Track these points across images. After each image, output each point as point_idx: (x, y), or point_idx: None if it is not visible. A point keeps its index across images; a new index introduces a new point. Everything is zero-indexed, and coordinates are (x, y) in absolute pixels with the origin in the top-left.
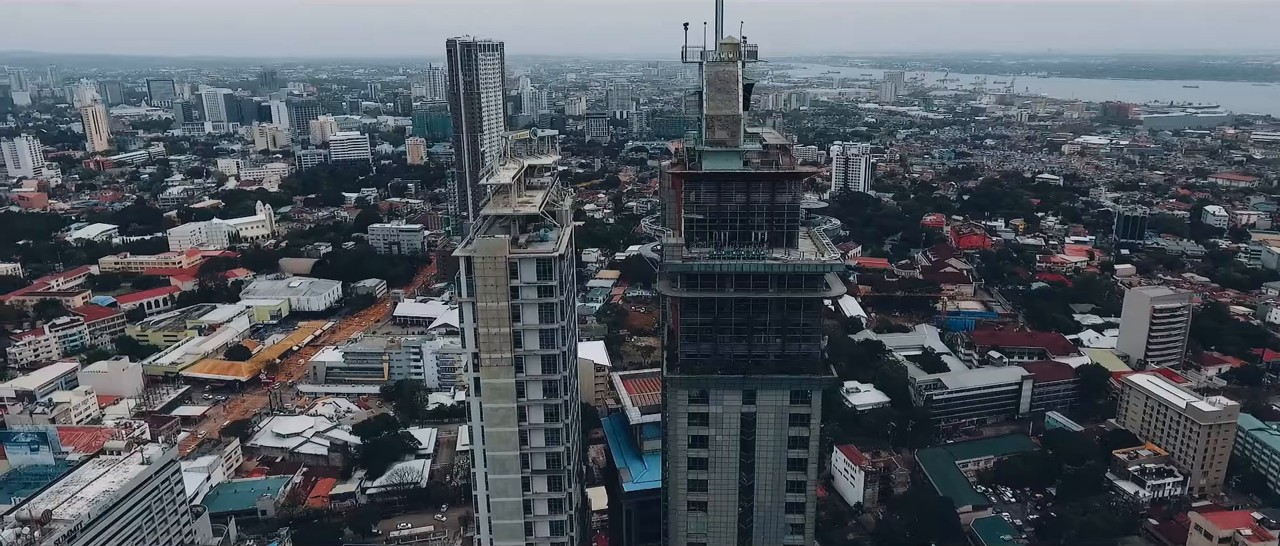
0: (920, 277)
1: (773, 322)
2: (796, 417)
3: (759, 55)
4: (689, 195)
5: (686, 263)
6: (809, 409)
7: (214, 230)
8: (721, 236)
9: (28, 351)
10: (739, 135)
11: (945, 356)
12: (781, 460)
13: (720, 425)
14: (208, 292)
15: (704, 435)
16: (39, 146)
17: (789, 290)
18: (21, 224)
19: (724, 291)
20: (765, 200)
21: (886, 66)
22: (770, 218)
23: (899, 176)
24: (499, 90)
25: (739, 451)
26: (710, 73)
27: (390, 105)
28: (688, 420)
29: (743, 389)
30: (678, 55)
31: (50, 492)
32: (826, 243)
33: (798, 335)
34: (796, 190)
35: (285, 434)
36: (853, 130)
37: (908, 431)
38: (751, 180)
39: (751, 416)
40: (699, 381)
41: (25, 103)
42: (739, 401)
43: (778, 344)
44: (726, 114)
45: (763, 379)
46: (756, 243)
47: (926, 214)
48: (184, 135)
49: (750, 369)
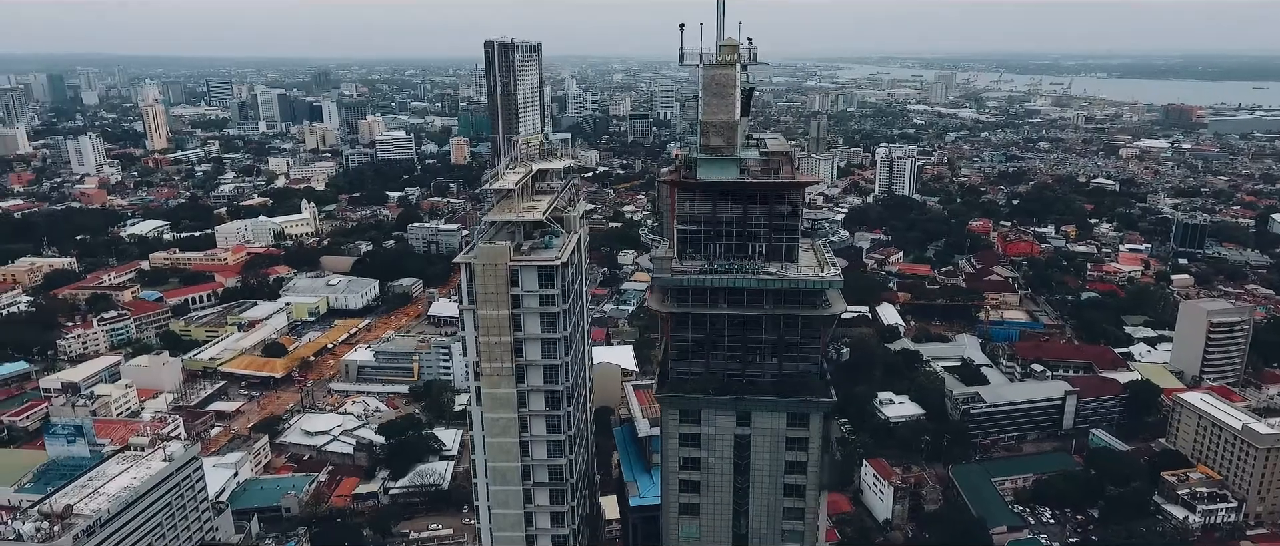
0: (963, 285)
1: (768, 341)
2: (794, 441)
3: (765, 57)
4: (683, 204)
5: (676, 276)
6: (807, 433)
7: (259, 227)
8: (716, 248)
9: (77, 344)
10: (735, 142)
11: (985, 368)
12: (778, 486)
13: (713, 447)
14: (250, 289)
15: (696, 457)
16: (101, 144)
17: (785, 307)
18: (81, 219)
19: (716, 307)
20: (763, 211)
21: (938, 67)
22: (768, 229)
23: (946, 180)
24: (536, 90)
25: (733, 475)
26: (706, 76)
27: (438, 105)
28: (679, 441)
29: (736, 410)
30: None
31: (74, 487)
32: (829, 257)
33: (795, 355)
34: (797, 200)
35: (314, 432)
36: (900, 132)
37: (942, 446)
38: (748, 189)
39: (746, 439)
40: (689, 401)
41: (93, 102)
42: (733, 423)
43: (774, 363)
44: (722, 120)
45: (756, 400)
46: (754, 256)
47: (973, 219)
48: (239, 134)
49: (744, 389)
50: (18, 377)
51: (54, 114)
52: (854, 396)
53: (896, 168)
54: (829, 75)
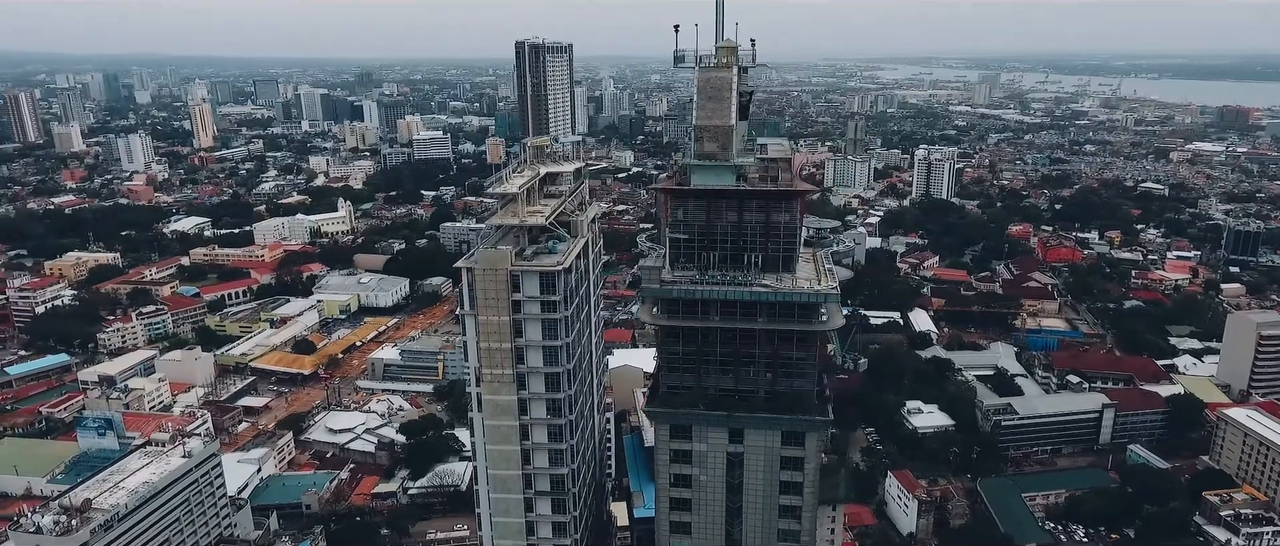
0: (1000, 292)
1: (762, 356)
2: (789, 461)
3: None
4: (676, 212)
5: (665, 287)
6: (803, 452)
7: (296, 225)
8: (710, 258)
9: (116, 338)
10: (731, 148)
11: (1020, 378)
12: (773, 506)
13: (704, 464)
14: (284, 286)
15: (687, 474)
16: (150, 142)
17: (780, 321)
18: (127, 215)
19: (708, 320)
20: (759, 219)
21: (983, 67)
22: (764, 239)
23: (987, 183)
24: (567, 91)
25: (726, 493)
26: (701, 79)
27: (476, 105)
28: (670, 457)
29: (728, 427)
30: (769, 56)
31: (95, 480)
32: (828, 268)
33: (790, 370)
34: (795, 209)
35: (337, 429)
36: (941, 133)
37: (971, 458)
38: (743, 197)
39: (739, 457)
40: (679, 416)
41: (146, 101)
42: (725, 440)
43: (768, 379)
44: (716, 124)
45: (748, 418)
46: (749, 266)
47: (1013, 223)
48: (282, 133)
49: (736, 405)
50: (58, 369)
51: (108, 113)
52: (881, 405)
53: (935, 170)
54: (870, 76)
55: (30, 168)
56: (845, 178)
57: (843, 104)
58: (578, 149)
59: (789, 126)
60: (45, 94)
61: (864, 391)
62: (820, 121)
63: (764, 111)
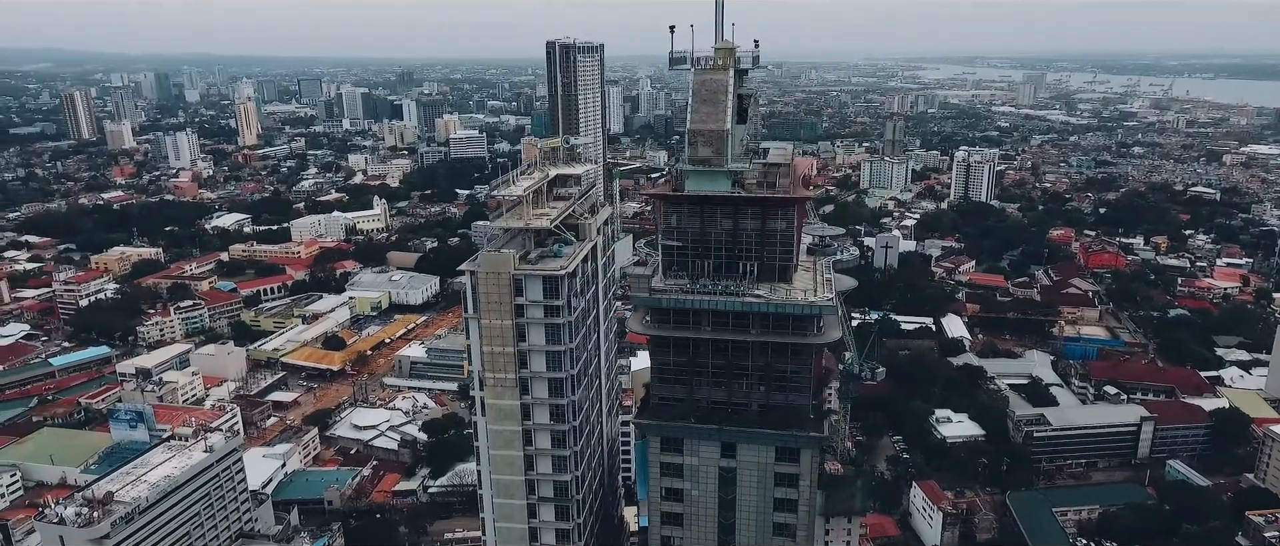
0: (1038, 298)
1: (755, 368)
2: (783, 477)
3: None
4: (669, 219)
5: (655, 295)
6: (798, 468)
7: (332, 222)
8: (704, 267)
9: (155, 331)
10: (726, 153)
11: (1055, 388)
12: (767, 524)
13: (696, 478)
14: (318, 282)
15: (679, 488)
16: (196, 140)
17: (774, 333)
18: (172, 211)
19: (700, 330)
20: (755, 227)
21: (1028, 67)
22: (760, 247)
23: (1028, 185)
24: (597, 90)
25: (718, 509)
26: (696, 82)
27: (514, 105)
28: (661, 470)
29: (720, 441)
30: (802, 56)
31: (119, 473)
32: (826, 279)
33: (784, 384)
34: (792, 216)
35: (362, 426)
36: (982, 135)
37: (1001, 470)
38: (739, 204)
39: (731, 472)
40: (669, 429)
41: (195, 99)
42: (717, 454)
43: (761, 392)
44: (711, 129)
45: (740, 432)
46: (744, 275)
47: (1054, 227)
48: (324, 131)
49: (728, 419)
50: (99, 361)
51: (159, 111)
52: (909, 412)
53: (974, 172)
54: (911, 76)
55: (83, 164)
56: (881, 179)
57: (882, 104)
58: (588, 149)
59: (826, 127)
60: (100, 93)
61: (892, 398)
62: (859, 122)
63: (802, 112)
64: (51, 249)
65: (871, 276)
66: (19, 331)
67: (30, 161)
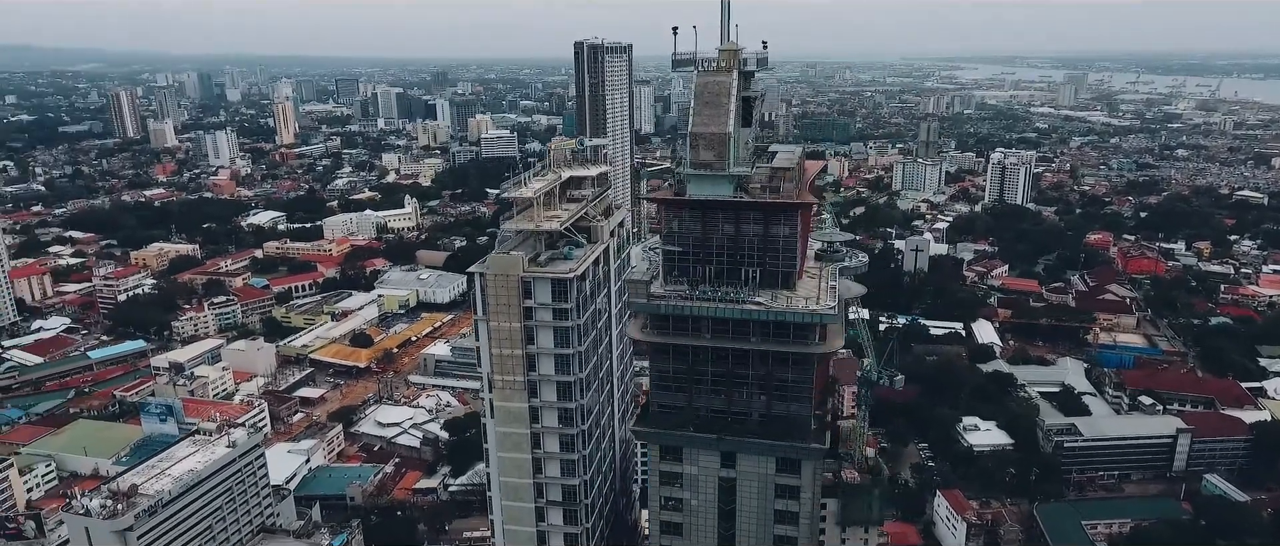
0: (1072, 304)
1: (755, 377)
2: (784, 489)
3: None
4: (671, 224)
5: (653, 302)
6: (799, 481)
7: (364, 221)
8: (706, 273)
9: (189, 326)
10: (728, 157)
11: (1088, 397)
12: (768, 537)
13: (695, 488)
14: (348, 280)
15: (678, 498)
16: (236, 139)
17: (774, 341)
18: (210, 209)
19: (699, 337)
20: (758, 233)
21: (1070, 67)
22: (763, 253)
23: (1066, 188)
24: (625, 91)
25: (717, 520)
26: (698, 83)
27: (546, 105)
28: (660, 479)
29: (719, 450)
30: (836, 56)
31: (144, 466)
32: (831, 286)
33: (785, 394)
34: (796, 222)
35: (386, 423)
36: (1020, 136)
37: (1029, 480)
38: (741, 209)
39: (731, 482)
40: (667, 437)
41: (236, 99)
42: (716, 464)
43: (762, 402)
44: (712, 132)
45: (739, 442)
46: (747, 282)
47: (1091, 231)
48: (359, 130)
49: (728, 428)
50: (134, 355)
51: (201, 110)
52: (935, 419)
53: (1009, 174)
54: (948, 76)
55: (127, 162)
56: (914, 181)
57: (917, 105)
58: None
59: (859, 128)
60: (146, 92)
61: (918, 405)
62: (893, 122)
63: (835, 112)
64: (94, 244)
65: (900, 280)
66: (60, 325)
67: (77, 159)
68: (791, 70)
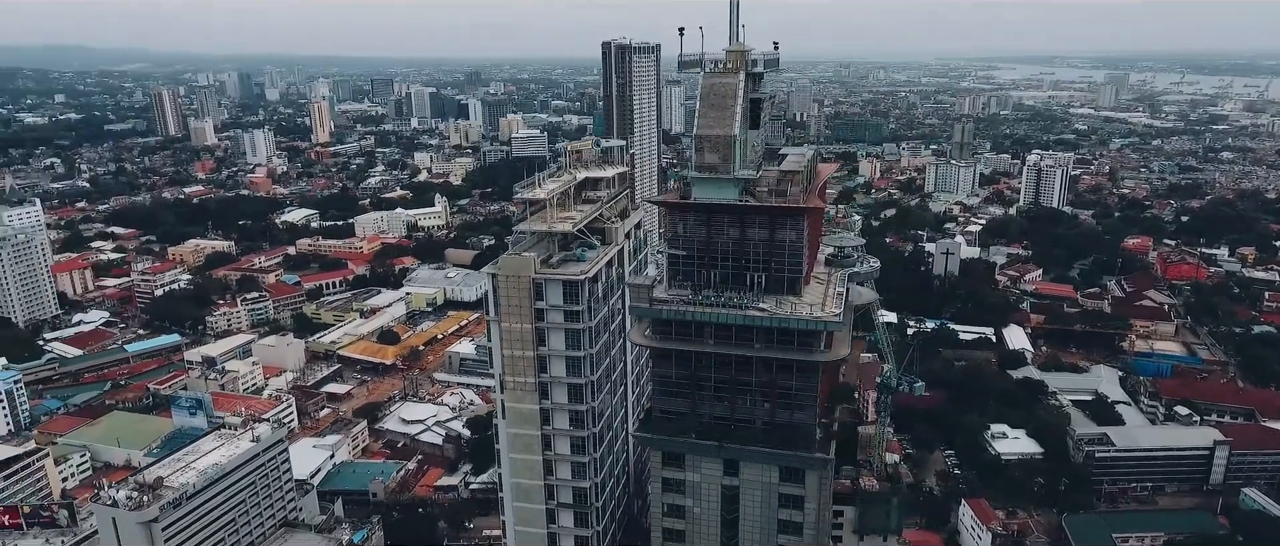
0: (1108, 310)
1: (759, 384)
2: (788, 499)
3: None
4: (675, 227)
5: (655, 306)
6: (803, 490)
7: (394, 219)
8: (711, 277)
9: (222, 321)
10: (733, 160)
11: (1122, 406)
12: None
13: (698, 496)
14: (377, 278)
15: (681, 505)
16: (273, 137)
17: (778, 348)
18: (247, 206)
19: (702, 343)
20: (763, 237)
21: (1111, 67)
22: (768, 258)
23: (1105, 192)
24: (653, 91)
25: (720, 529)
26: (704, 85)
27: (577, 105)
28: (662, 486)
29: (722, 458)
30: (870, 56)
31: (171, 459)
32: (838, 292)
33: (789, 402)
34: (802, 227)
35: (410, 420)
36: (1057, 138)
37: (1058, 490)
38: (746, 213)
39: (734, 491)
40: (669, 443)
41: (274, 98)
42: (719, 471)
43: (765, 409)
44: (718, 134)
45: (742, 450)
46: (752, 287)
47: (1130, 236)
48: (393, 129)
49: (730, 435)
50: (169, 349)
51: (241, 109)
52: (962, 426)
53: (1045, 176)
54: (985, 76)
55: (168, 159)
56: (947, 183)
57: (952, 105)
58: (622, 153)
59: (893, 128)
60: (188, 91)
61: (945, 411)
62: (927, 124)
63: (868, 113)
64: (134, 240)
65: (930, 284)
66: (100, 318)
67: (121, 156)
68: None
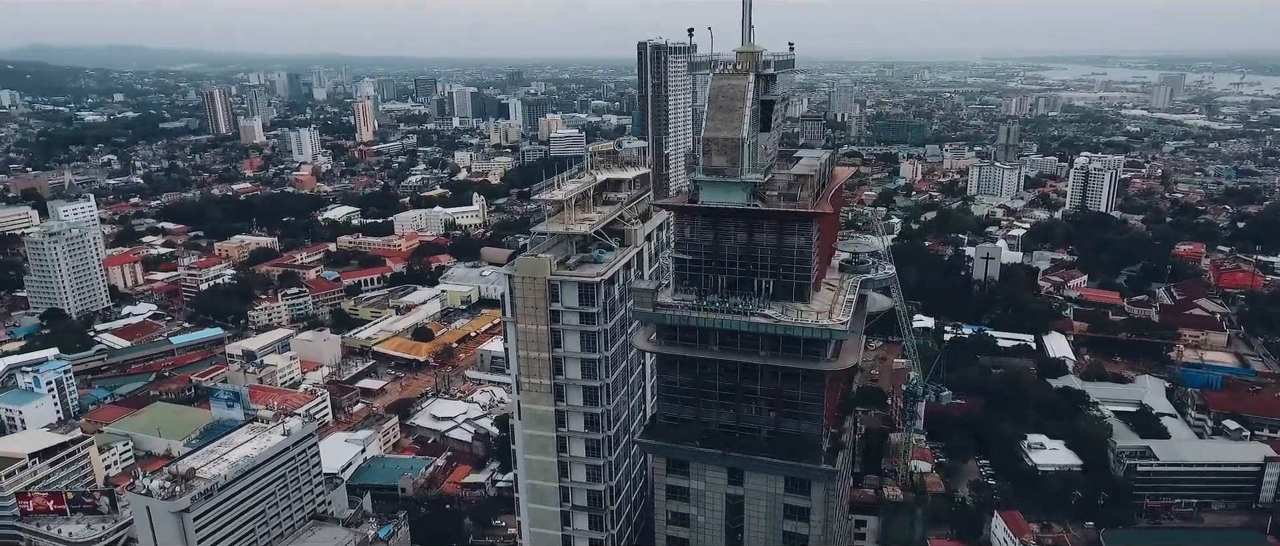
0: (1156, 319)
1: (764, 393)
2: (793, 510)
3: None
4: (682, 231)
5: (658, 312)
6: (808, 502)
7: (432, 217)
8: (718, 282)
9: (263, 315)
10: (741, 163)
11: (1167, 418)
12: None
13: (702, 504)
14: (414, 275)
15: (685, 513)
16: (318, 136)
17: (783, 356)
18: (290, 203)
19: (707, 349)
20: (771, 242)
21: (1167, 67)
22: (776, 264)
23: (1157, 196)
24: (688, 92)
25: (725, 538)
26: (712, 87)
27: (617, 105)
28: (666, 493)
29: (726, 466)
30: (915, 56)
31: (204, 451)
32: (848, 300)
33: (795, 411)
34: (810, 232)
35: (440, 417)
36: (1108, 140)
37: (1097, 504)
38: (753, 217)
39: (739, 500)
40: (673, 450)
41: (322, 97)
42: (724, 480)
43: (771, 418)
44: (726, 137)
45: (746, 459)
46: (759, 293)
47: (1182, 242)
48: (435, 129)
49: (735, 444)
50: (212, 342)
51: (289, 108)
52: (998, 435)
53: (1093, 179)
54: (1033, 77)
55: (219, 157)
56: (991, 185)
57: (999, 106)
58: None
59: (936, 129)
60: (239, 91)
61: (980, 419)
62: (971, 124)
63: (911, 113)
64: (183, 235)
65: (969, 288)
66: (147, 311)
67: (174, 154)
68: (868, 70)
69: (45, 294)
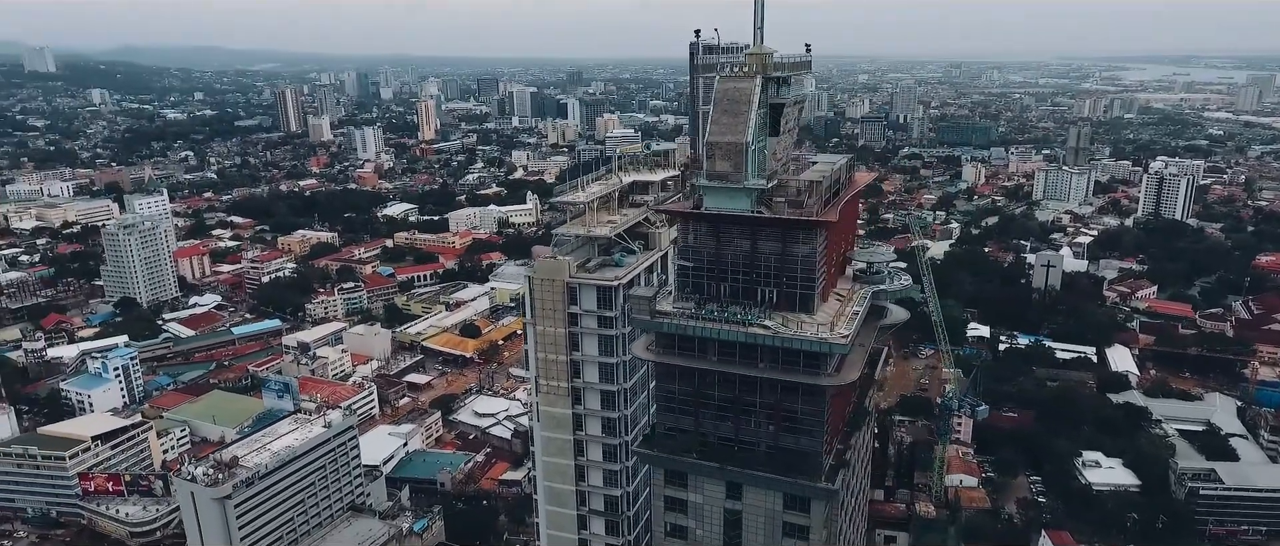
0: (1231, 333)
1: (764, 406)
2: (792, 528)
3: (991, 56)
4: (685, 237)
5: (655, 319)
6: (808, 520)
7: (486, 215)
8: (719, 290)
9: (320, 309)
10: (745, 168)
11: (1237, 440)
12: None
13: (701, 517)
14: (466, 272)
15: (683, 525)
16: (382, 134)
17: (783, 369)
18: (352, 199)
19: (705, 359)
20: (775, 251)
21: (1255, 67)
22: (781, 273)
23: (1238, 203)
24: None
25: None
26: (718, 89)
27: (675, 104)
28: (664, 505)
29: (724, 480)
30: (982, 56)
31: (249, 440)
32: (855, 313)
33: (795, 426)
34: (817, 241)
35: (482, 413)
36: (1187, 144)
37: (1155, 528)
38: (757, 225)
39: (737, 515)
40: (670, 461)
41: (388, 97)
42: (722, 494)
43: (770, 432)
44: (729, 141)
45: (742, 473)
46: (763, 303)
47: (1264, 253)
48: (494, 128)
49: (734, 458)
50: (270, 333)
51: (357, 107)
52: (1051, 451)
53: (1168, 185)
54: (1110, 77)
55: (288, 154)
56: (1058, 190)
57: (1070, 108)
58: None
59: (1002, 132)
60: (310, 90)
61: (1033, 433)
62: (1040, 127)
63: (976, 115)
64: (250, 229)
65: (1028, 297)
66: (212, 301)
67: (246, 150)
68: (933, 70)
69: (119, 283)
